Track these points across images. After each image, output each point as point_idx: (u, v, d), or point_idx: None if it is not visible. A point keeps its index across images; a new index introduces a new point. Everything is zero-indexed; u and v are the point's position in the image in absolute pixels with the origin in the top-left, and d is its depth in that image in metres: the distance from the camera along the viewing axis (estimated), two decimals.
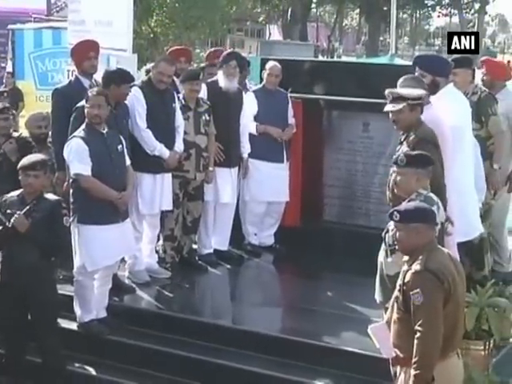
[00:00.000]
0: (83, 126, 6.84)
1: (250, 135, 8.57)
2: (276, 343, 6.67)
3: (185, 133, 7.90)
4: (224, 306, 7.92)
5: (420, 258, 4.81)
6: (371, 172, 8.76)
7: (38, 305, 6.35)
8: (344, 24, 70.65)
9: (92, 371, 6.80)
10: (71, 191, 6.84)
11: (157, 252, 8.14)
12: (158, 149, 7.61)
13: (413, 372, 4.75)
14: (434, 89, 6.49)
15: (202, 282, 8.10)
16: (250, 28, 44.34)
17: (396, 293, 4.95)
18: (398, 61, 18.03)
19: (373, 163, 8.75)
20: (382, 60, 18.59)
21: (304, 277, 8.42)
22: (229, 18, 21.42)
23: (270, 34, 49.71)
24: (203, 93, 8.21)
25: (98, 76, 7.70)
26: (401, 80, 6.40)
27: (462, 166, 6.44)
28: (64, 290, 6.99)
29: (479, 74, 8.30)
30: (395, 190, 5.69)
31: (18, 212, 6.21)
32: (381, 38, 53.34)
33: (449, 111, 6.36)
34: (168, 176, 7.80)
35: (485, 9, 53.39)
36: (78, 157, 6.71)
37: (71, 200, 6.80)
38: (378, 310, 6.03)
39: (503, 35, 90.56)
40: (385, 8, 35.24)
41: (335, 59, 39.57)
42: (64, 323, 6.89)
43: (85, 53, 7.86)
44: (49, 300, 6.43)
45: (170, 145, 7.70)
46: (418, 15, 68.05)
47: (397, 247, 5.10)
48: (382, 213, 7.38)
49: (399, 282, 4.93)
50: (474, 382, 5.82)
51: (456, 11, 53.91)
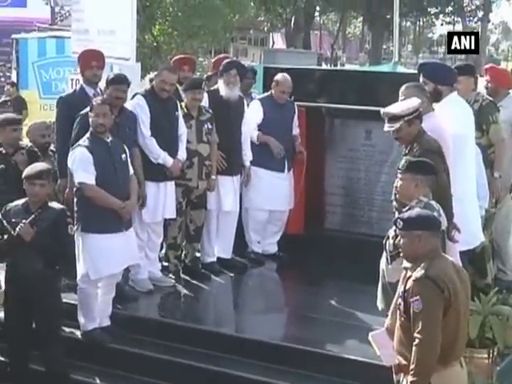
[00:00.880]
0: (87, 135, 6.87)
1: (253, 143, 8.59)
2: (277, 351, 6.67)
3: (187, 141, 7.90)
4: (226, 314, 7.93)
5: (422, 265, 4.83)
6: (373, 180, 8.77)
7: (42, 313, 6.38)
8: (347, 32, 70.65)
9: (95, 380, 6.80)
10: (75, 200, 6.86)
11: (160, 260, 8.16)
12: (162, 157, 7.63)
13: (410, 379, 4.77)
14: (436, 97, 6.50)
15: (205, 291, 8.08)
16: (254, 36, 44.37)
17: (398, 300, 4.97)
18: (401, 69, 18.07)
19: (375, 171, 8.77)
20: (385, 68, 18.62)
21: (306, 284, 8.43)
22: (232, 27, 21.43)
23: (273, 42, 49.77)
24: (204, 101, 8.22)
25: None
26: (403, 88, 6.41)
27: (464, 175, 6.44)
28: (67, 298, 6.99)
29: (482, 82, 8.32)
30: (397, 196, 5.73)
31: (24, 221, 6.24)
32: (384, 46, 53.34)
33: (451, 119, 6.36)
34: (171, 184, 7.81)
35: (488, 17, 53.39)
36: (82, 165, 6.74)
37: (75, 208, 6.82)
38: (380, 318, 6.03)
39: (507, 43, 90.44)
40: (388, 16, 35.25)
41: (338, 67, 39.60)
42: (67, 331, 6.90)
43: (87, 62, 7.90)
44: (53, 308, 6.46)
45: (173, 153, 7.72)
46: (421, 23, 68.02)
47: (401, 254, 5.12)
48: (384, 221, 7.41)
49: (401, 288, 4.95)
50: None
51: (459, 19, 53.96)
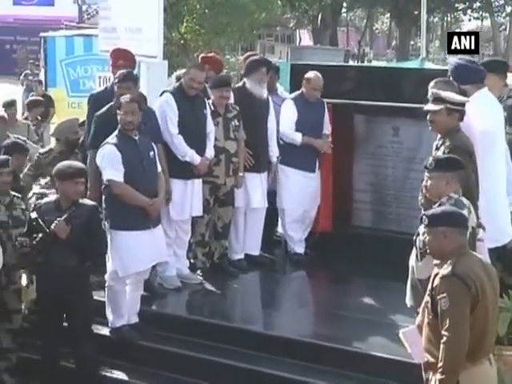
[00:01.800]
0: (116, 133, 6.89)
1: (284, 143, 8.60)
2: (306, 348, 6.67)
3: (215, 139, 7.92)
4: (254, 312, 7.92)
5: (449, 262, 4.80)
6: (401, 177, 8.72)
7: (75, 310, 6.42)
8: (374, 28, 70.41)
9: (124, 376, 6.83)
10: (103, 197, 6.89)
11: (188, 258, 8.17)
12: (189, 155, 7.64)
13: (438, 376, 4.74)
14: (462, 96, 6.47)
15: (232, 288, 8.09)
16: (280, 33, 44.32)
17: (426, 297, 4.95)
18: (429, 65, 17.96)
19: (403, 168, 8.71)
20: (413, 64, 18.50)
21: (335, 282, 8.42)
22: (258, 24, 21.35)
23: (300, 39, 49.68)
24: (231, 98, 8.22)
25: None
26: (432, 83, 6.38)
27: (493, 171, 6.39)
28: (96, 295, 6.99)
29: None
30: (427, 195, 5.69)
31: (58, 218, 6.25)
32: (411, 42, 53.10)
33: (479, 116, 6.32)
34: (198, 182, 7.83)
35: None
36: (110, 163, 6.76)
37: (103, 206, 6.86)
38: (409, 315, 6.01)
39: None
40: (415, 12, 35.07)
41: (365, 64, 39.47)
42: (96, 328, 6.90)
43: (115, 61, 7.96)
44: (86, 306, 6.50)
45: (200, 151, 7.72)
46: (448, 19, 67.64)
47: (428, 251, 5.09)
48: (412, 218, 7.35)
49: (429, 286, 4.93)
50: None
51: (487, 14, 53.58)
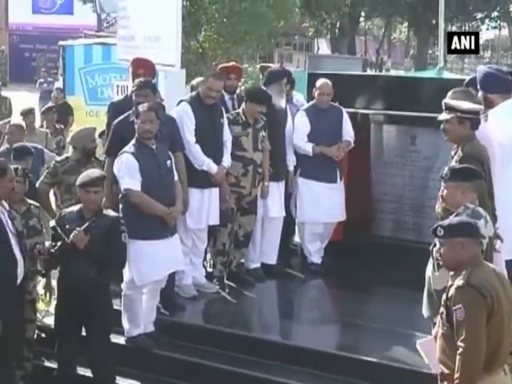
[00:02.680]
0: (133, 142, 6.89)
1: (304, 155, 8.57)
2: (323, 358, 6.64)
3: (244, 149, 7.94)
4: (272, 321, 7.90)
5: (463, 273, 4.77)
6: (419, 186, 8.71)
7: (94, 320, 6.39)
8: (392, 37, 70.31)
9: None
10: (121, 206, 6.89)
11: (204, 267, 8.16)
12: (206, 163, 7.63)
13: None
14: (488, 104, 6.44)
15: (249, 297, 8.06)
16: (298, 42, 44.35)
17: (441, 308, 4.92)
18: (447, 74, 17.91)
19: (420, 177, 8.71)
20: (431, 73, 18.45)
21: (352, 291, 8.36)
22: (276, 33, 21.35)
23: (318, 47, 49.71)
24: None
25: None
26: (450, 92, 6.38)
27: (509, 184, 6.35)
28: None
29: None
30: (444, 205, 5.67)
31: (78, 228, 6.24)
32: (429, 51, 52.99)
33: (499, 127, 6.30)
34: (215, 190, 7.81)
35: None
36: (128, 172, 6.76)
37: (120, 215, 6.85)
38: (426, 325, 5.97)
39: None
40: (433, 21, 35.00)
41: (383, 73, 39.40)
42: (112, 337, 6.89)
43: (135, 70, 8.03)
44: (105, 315, 6.48)
45: (217, 160, 7.71)
46: (466, 28, 67.51)
47: (441, 263, 5.05)
48: (430, 227, 7.32)
49: (444, 297, 4.90)
50: None
51: (505, 24, 53.45)
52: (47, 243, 6.63)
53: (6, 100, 16.73)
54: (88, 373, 6.58)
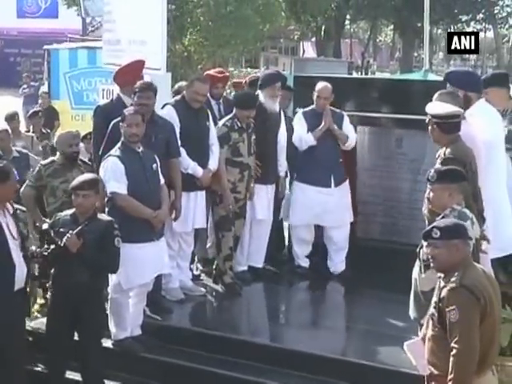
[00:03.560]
0: (119, 145, 6.90)
1: (298, 158, 8.54)
2: (311, 360, 6.65)
3: (241, 155, 7.99)
4: (259, 324, 7.90)
5: (456, 274, 4.79)
6: (405, 188, 8.72)
7: (86, 324, 6.40)
8: (378, 40, 70.46)
9: None
10: (107, 209, 6.89)
11: (191, 270, 8.16)
12: (192, 167, 7.63)
13: None
14: (466, 104, 6.48)
15: (236, 300, 8.05)
16: (284, 45, 44.40)
17: (431, 310, 4.93)
18: (433, 76, 17.96)
19: (406, 179, 8.70)
20: (416, 76, 18.52)
21: (339, 293, 8.40)
22: (262, 36, 21.32)
23: (303, 51, 49.79)
24: None
25: None
26: (436, 95, 6.42)
27: (496, 181, 6.41)
28: None
29: None
30: (430, 207, 5.69)
31: (71, 231, 6.24)
32: (415, 54, 53.13)
33: (481, 126, 6.34)
34: (201, 194, 7.83)
35: None
36: (114, 175, 6.76)
37: None
38: (413, 327, 5.99)
39: None
40: (418, 24, 35.12)
41: (368, 75, 39.50)
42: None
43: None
44: (97, 320, 6.50)
45: (203, 163, 7.72)
46: (452, 30, 67.74)
47: (432, 265, 5.06)
48: (416, 229, 7.35)
49: (435, 298, 4.91)
50: None
51: (490, 26, 53.65)
52: (33, 247, 6.63)
53: None
54: (78, 377, 6.58)
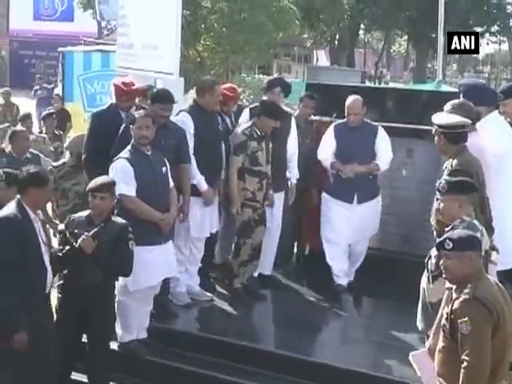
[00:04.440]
0: (129, 147, 6.90)
1: (328, 171, 8.35)
2: (316, 368, 6.64)
3: (260, 164, 7.85)
4: (265, 330, 7.90)
5: (468, 286, 4.76)
6: (414, 199, 8.68)
7: (95, 326, 6.39)
8: (392, 50, 70.45)
9: None
10: (115, 212, 6.88)
11: (199, 275, 8.13)
12: (197, 179, 7.60)
13: None
14: (476, 117, 6.47)
15: (242, 306, 8.01)
16: (297, 53, 44.40)
17: (443, 321, 4.90)
18: (446, 88, 17.94)
19: (416, 190, 8.67)
20: (429, 86, 18.51)
21: (345, 303, 8.34)
22: (275, 43, 21.28)
23: (317, 59, 49.78)
24: (247, 118, 8.21)
25: None
26: (448, 105, 6.40)
27: (503, 193, 6.38)
28: None
29: None
30: (439, 217, 5.66)
31: (86, 233, 6.22)
32: (429, 65, 53.12)
33: (491, 139, 6.33)
34: (216, 199, 7.85)
35: None
36: (123, 177, 6.74)
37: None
38: (420, 338, 5.96)
39: None
40: (433, 35, 35.09)
41: (381, 85, 39.44)
42: None
43: (119, 96, 7.83)
44: (106, 322, 6.49)
45: (216, 170, 7.71)
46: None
47: (444, 276, 5.01)
48: (424, 240, 7.32)
49: (446, 310, 4.87)
50: None
51: (505, 38, 53.58)
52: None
53: (13, 107, 16.74)
54: (84, 378, 6.58)
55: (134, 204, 6.75)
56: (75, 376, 6.63)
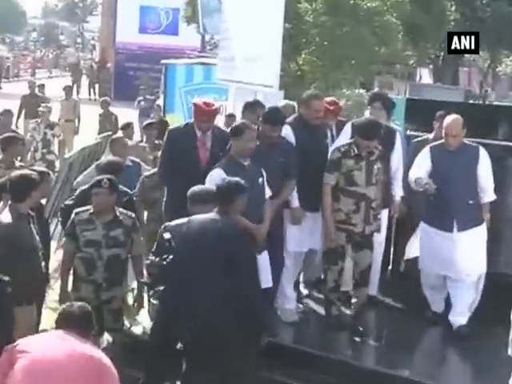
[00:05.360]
0: (226, 158, 7.00)
1: (426, 198, 7.74)
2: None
3: (356, 184, 7.39)
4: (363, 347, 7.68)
5: None
6: None
7: None
8: (498, 70, 69.20)
9: None
10: None
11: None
12: (293, 194, 7.56)
13: None
14: None
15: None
16: (400, 71, 44.01)
17: None
18: None
19: None
20: None
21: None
22: (377, 59, 21.11)
23: (420, 77, 49.26)
24: (349, 133, 7.82)
25: None
26: None
27: None
28: None
29: None
30: None
31: None
32: None
33: None
34: (319, 215, 7.67)
35: None
36: None
37: None
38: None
39: None
40: None
41: (486, 103, 38.78)
42: None
43: (199, 116, 7.71)
44: None
45: (317, 183, 7.54)
46: None
47: None
48: None
49: None
50: None
51: None
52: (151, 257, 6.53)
53: (112, 116, 17.18)
54: None
55: None
56: None
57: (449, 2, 30.13)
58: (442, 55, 42.10)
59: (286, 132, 7.64)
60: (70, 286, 6.95)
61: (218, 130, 7.73)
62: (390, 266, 9.09)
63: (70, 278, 6.98)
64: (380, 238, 8.01)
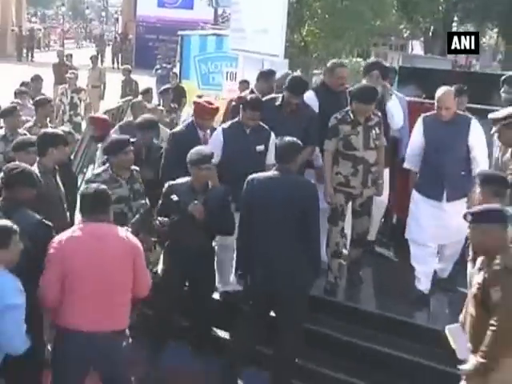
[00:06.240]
0: (234, 121, 7.10)
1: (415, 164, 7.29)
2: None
3: (354, 148, 7.04)
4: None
5: (498, 257, 4.60)
6: None
7: (200, 280, 6.50)
8: (482, 42, 68.64)
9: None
10: None
11: None
12: (316, 153, 7.47)
13: (479, 360, 4.57)
14: None
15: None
16: (394, 43, 43.84)
17: (474, 290, 4.72)
18: None
19: None
20: None
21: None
22: (374, 31, 21.08)
23: (412, 48, 48.95)
24: None
25: None
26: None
27: None
28: None
29: None
30: None
31: (196, 201, 6.24)
32: None
33: None
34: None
35: None
36: (212, 144, 6.89)
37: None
38: None
39: None
40: None
41: (470, 70, 38.58)
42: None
43: (201, 114, 7.32)
44: (209, 277, 6.62)
45: None
46: None
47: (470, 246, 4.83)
48: None
49: (477, 279, 4.70)
50: None
51: None
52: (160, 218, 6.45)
53: (133, 83, 17.19)
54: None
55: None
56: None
57: None
58: (432, 28, 41.77)
59: (310, 96, 7.53)
60: None
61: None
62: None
63: None
64: (379, 200, 7.62)
